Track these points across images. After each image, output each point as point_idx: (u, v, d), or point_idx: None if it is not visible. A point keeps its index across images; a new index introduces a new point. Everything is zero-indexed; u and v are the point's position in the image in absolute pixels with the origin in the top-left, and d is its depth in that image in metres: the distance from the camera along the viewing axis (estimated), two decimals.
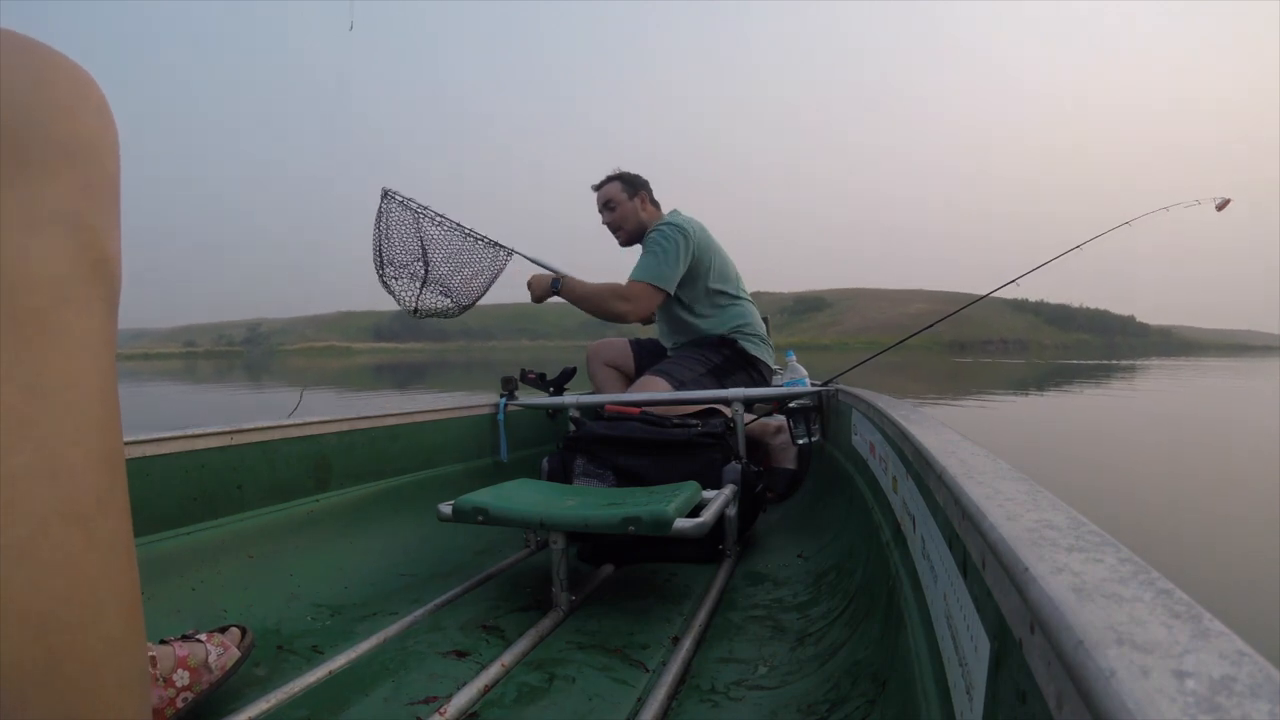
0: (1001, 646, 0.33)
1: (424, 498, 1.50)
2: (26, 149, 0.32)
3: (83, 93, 0.36)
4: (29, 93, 0.33)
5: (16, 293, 0.30)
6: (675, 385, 1.82)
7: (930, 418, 0.81)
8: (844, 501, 1.33)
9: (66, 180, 0.34)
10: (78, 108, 0.35)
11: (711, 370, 1.91)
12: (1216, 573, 1.82)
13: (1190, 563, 1.89)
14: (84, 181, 0.35)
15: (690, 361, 1.90)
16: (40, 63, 0.34)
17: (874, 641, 0.75)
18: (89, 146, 0.35)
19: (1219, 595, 1.59)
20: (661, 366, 1.90)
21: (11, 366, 0.30)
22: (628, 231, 2.05)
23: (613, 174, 2.09)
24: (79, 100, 0.35)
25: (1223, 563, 1.95)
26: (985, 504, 0.37)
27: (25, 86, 0.33)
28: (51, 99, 0.34)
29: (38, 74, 0.34)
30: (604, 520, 0.99)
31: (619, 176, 2.07)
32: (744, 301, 2.06)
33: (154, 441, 1.04)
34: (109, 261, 0.36)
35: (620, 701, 0.77)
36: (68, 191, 0.33)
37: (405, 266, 1.86)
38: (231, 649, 0.79)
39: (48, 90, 0.34)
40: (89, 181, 0.35)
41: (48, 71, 0.34)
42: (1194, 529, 2.30)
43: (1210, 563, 1.92)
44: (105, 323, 0.35)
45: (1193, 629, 0.21)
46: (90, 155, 0.35)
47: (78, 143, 0.34)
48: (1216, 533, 2.27)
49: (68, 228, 0.33)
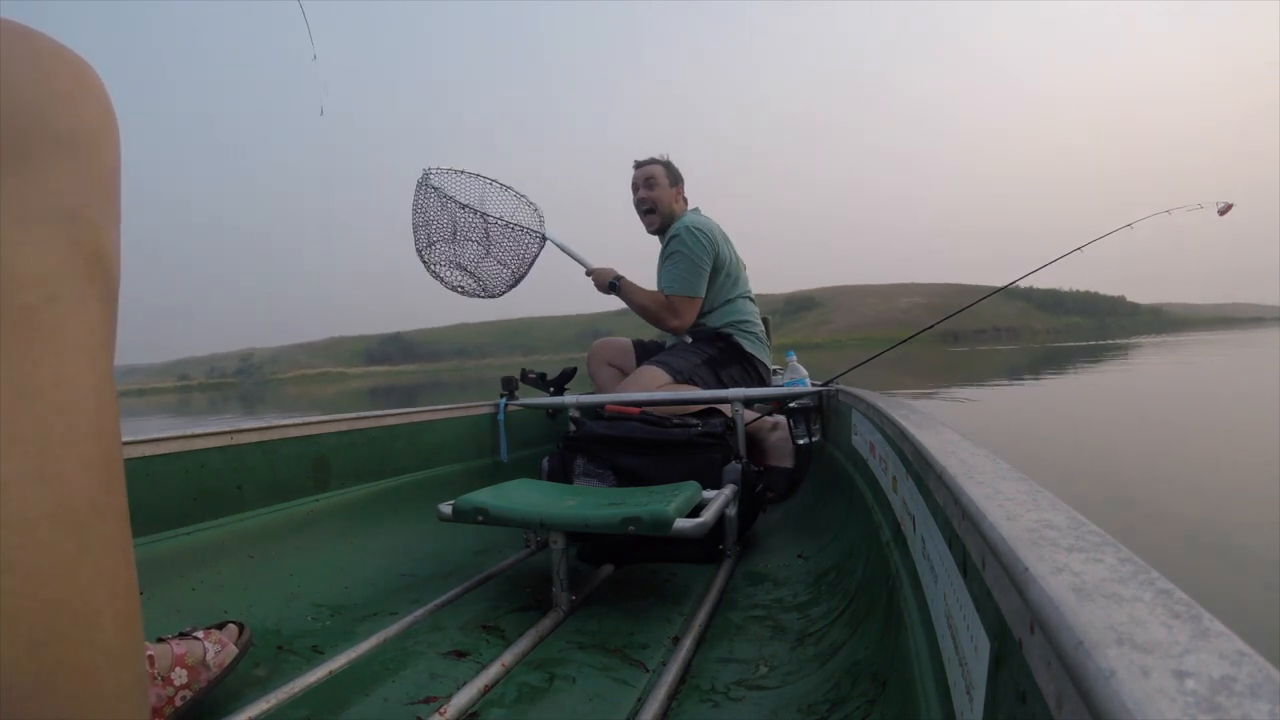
0: (1001, 646, 0.33)
1: (424, 498, 1.50)
2: (26, 139, 0.31)
3: (84, 83, 0.35)
4: (29, 81, 0.32)
5: (6, 289, 0.29)
6: (673, 374, 1.86)
7: (930, 418, 0.81)
8: (844, 501, 1.33)
9: (64, 172, 0.32)
10: (78, 97, 0.34)
11: (707, 361, 1.96)
12: (1215, 561, 1.82)
13: (1189, 555, 1.89)
14: (82, 173, 0.33)
15: (686, 352, 1.97)
16: (40, 52, 0.33)
17: (874, 641, 0.75)
18: (89, 137, 0.34)
19: (1219, 590, 1.59)
20: (660, 357, 1.96)
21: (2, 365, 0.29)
22: (660, 215, 2.14)
23: (658, 158, 2.18)
24: (80, 90, 0.34)
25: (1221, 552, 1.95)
26: (985, 504, 0.37)
27: (25, 75, 0.32)
28: (52, 88, 0.33)
29: (38, 63, 0.33)
30: (604, 520, 0.99)
31: (664, 162, 2.17)
32: (748, 301, 2.12)
33: (154, 441, 1.04)
34: (106, 257, 0.34)
35: (620, 701, 0.77)
36: (65, 183, 0.32)
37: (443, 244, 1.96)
38: (229, 645, 0.79)
39: (48, 79, 0.33)
40: (88, 173, 0.34)
41: (48, 61, 0.33)
42: (1196, 514, 2.31)
43: (1210, 555, 1.93)
44: (101, 321, 0.34)
45: (1193, 629, 0.21)
46: (90, 146, 0.34)
47: (78, 133, 0.33)
48: (1215, 518, 2.28)
49: (63, 221, 0.32)
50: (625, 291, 2.06)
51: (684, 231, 2.01)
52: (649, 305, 2.04)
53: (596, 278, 2.09)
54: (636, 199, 2.18)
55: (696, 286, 2.00)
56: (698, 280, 1.99)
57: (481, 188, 2.01)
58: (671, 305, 2.00)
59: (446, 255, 1.99)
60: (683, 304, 2.00)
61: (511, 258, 2.02)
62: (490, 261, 2.02)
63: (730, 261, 2.07)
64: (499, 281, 2.03)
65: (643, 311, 2.06)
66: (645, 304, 2.04)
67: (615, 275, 2.07)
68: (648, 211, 2.15)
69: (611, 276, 2.07)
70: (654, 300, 2.04)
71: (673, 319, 2.01)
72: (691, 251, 1.98)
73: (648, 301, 2.04)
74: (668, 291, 2.01)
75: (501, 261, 2.02)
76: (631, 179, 2.20)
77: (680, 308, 2.00)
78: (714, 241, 2.02)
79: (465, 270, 2.01)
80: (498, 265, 2.02)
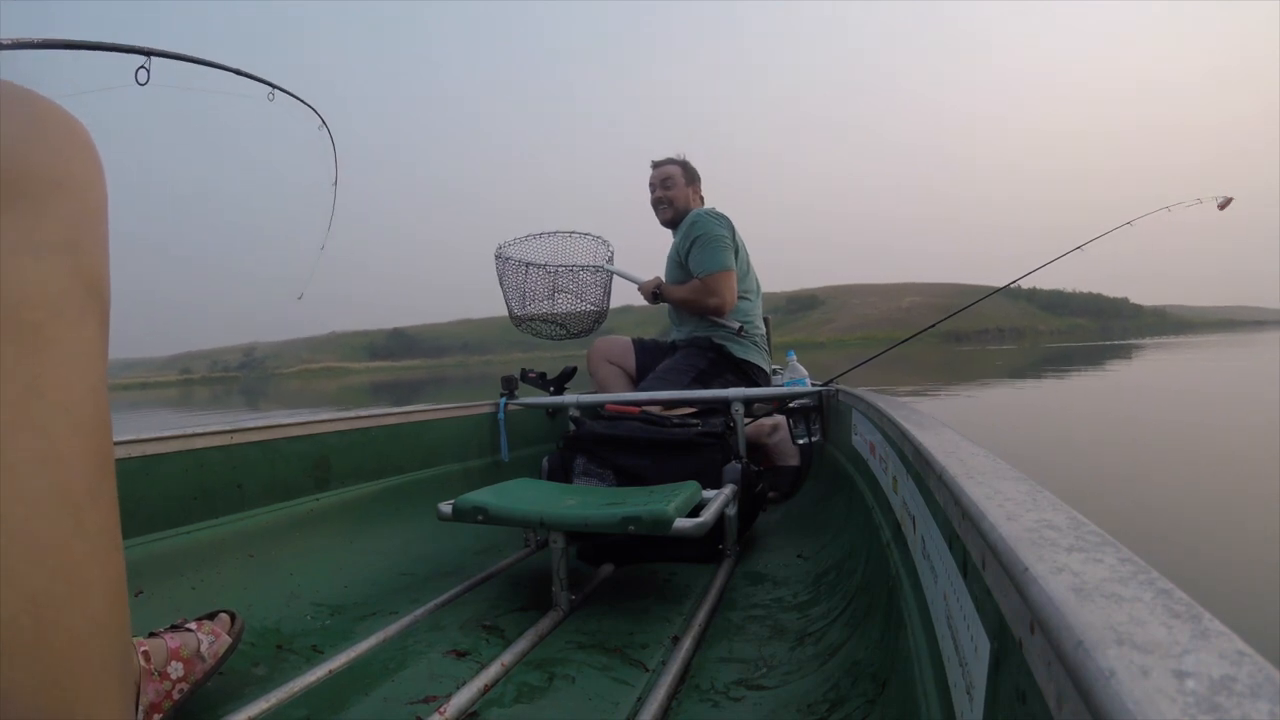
0: (1001, 646, 0.33)
1: (424, 497, 1.50)
2: (23, 184, 0.36)
3: (72, 137, 0.40)
4: (25, 137, 0.37)
5: (18, 307, 0.35)
6: (665, 404, 1.84)
7: (930, 418, 0.81)
8: (844, 501, 1.33)
9: (62, 212, 0.38)
10: (67, 150, 0.40)
11: (698, 376, 1.97)
12: (1216, 561, 1.82)
13: (1189, 549, 1.89)
14: (77, 213, 0.39)
15: (674, 373, 1.98)
16: (34, 110, 0.39)
17: (874, 641, 0.75)
18: (79, 182, 0.40)
19: (1219, 590, 1.58)
20: (647, 382, 1.99)
21: (13, 369, 0.34)
22: (675, 211, 2.20)
23: (675, 158, 2.26)
24: (68, 143, 0.40)
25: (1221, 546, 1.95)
26: (985, 504, 0.37)
27: (21, 131, 0.37)
28: (45, 143, 0.39)
29: (32, 120, 0.38)
30: (604, 520, 0.99)
31: (681, 162, 2.25)
32: (752, 300, 2.13)
33: (154, 440, 1.04)
34: (100, 282, 0.40)
35: (620, 701, 0.77)
36: (64, 222, 0.38)
37: (532, 302, 2.15)
38: (223, 636, 0.79)
39: (41, 135, 0.39)
40: (81, 211, 0.39)
41: (41, 118, 0.39)
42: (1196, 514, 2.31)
43: (1209, 549, 1.93)
44: (97, 335, 0.40)
45: (1193, 629, 0.21)
46: (81, 189, 0.40)
47: (69, 180, 0.39)
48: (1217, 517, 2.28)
49: (65, 253, 0.38)
50: (667, 294, 2.11)
51: (701, 217, 2.05)
52: (689, 297, 2.06)
53: (643, 289, 2.16)
54: (654, 199, 2.23)
55: (726, 261, 2.00)
56: (725, 255, 2.00)
57: (549, 243, 2.17)
58: (707, 287, 2.01)
59: (533, 310, 2.15)
60: (716, 281, 2.00)
61: (586, 294, 2.16)
62: (563, 304, 2.17)
63: (742, 255, 2.10)
64: (579, 321, 2.16)
65: (686, 305, 2.09)
66: (686, 297, 2.06)
67: (658, 283, 2.14)
68: (664, 206, 2.21)
69: (654, 285, 2.14)
70: (691, 290, 2.05)
71: (711, 299, 2.01)
72: (712, 231, 2.01)
73: (687, 294, 2.06)
74: (698, 274, 2.02)
75: (580, 296, 2.16)
76: (649, 179, 2.25)
77: (715, 285, 2.00)
78: (730, 224, 2.06)
79: (553, 322, 2.17)
80: (576, 302, 2.17)
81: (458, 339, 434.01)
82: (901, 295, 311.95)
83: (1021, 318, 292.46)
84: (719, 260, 2.00)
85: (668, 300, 2.13)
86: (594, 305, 2.15)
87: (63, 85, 0.79)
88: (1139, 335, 46.81)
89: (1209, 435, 4.16)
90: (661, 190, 2.20)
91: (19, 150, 0.36)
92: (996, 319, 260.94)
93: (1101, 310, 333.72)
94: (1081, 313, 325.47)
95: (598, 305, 2.15)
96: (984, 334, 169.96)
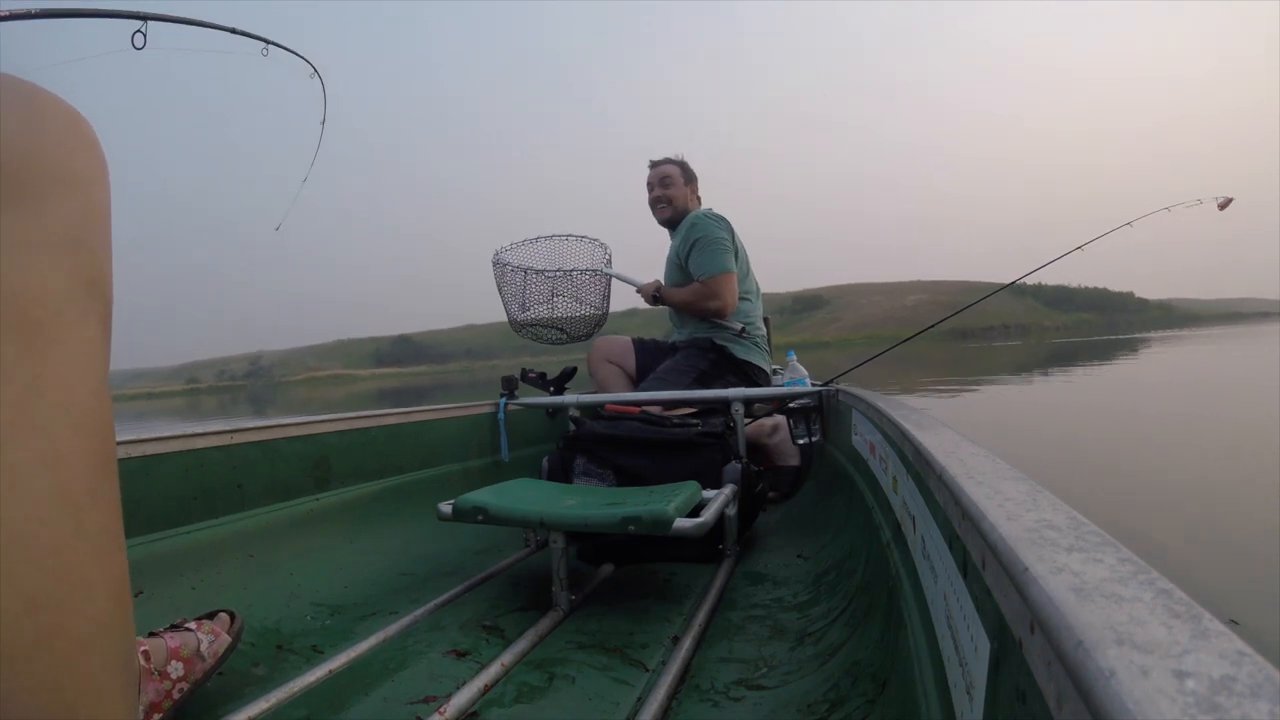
0: (1001, 646, 0.33)
1: (424, 497, 1.50)
2: (26, 181, 0.35)
3: (76, 131, 0.40)
4: (27, 132, 0.37)
5: (20, 305, 0.34)
6: (665, 404, 1.83)
7: (931, 418, 0.81)
8: (844, 501, 1.33)
9: (65, 208, 0.37)
10: (71, 145, 0.39)
11: (699, 378, 1.96)
12: (1215, 561, 1.82)
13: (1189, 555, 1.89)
14: (80, 210, 0.38)
15: (675, 374, 1.97)
16: (37, 105, 0.38)
17: (874, 641, 0.75)
18: (82, 179, 0.39)
19: (1219, 590, 1.58)
20: (647, 382, 1.99)
21: (14, 369, 0.33)
22: (673, 210, 2.21)
23: (673, 158, 2.26)
24: (72, 138, 0.39)
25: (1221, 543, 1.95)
26: (985, 504, 0.37)
27: (24, 126, 0.37)
28: (48, 137, 0.38)
29: (35, 115, 0.38)
30: (604, 520, 0.99)
31: (679, 162, 2.25)
32: (753, 301, 2.13)
33: (154, 441, 1.04)
34: (103, 281, 0.39)
35: (620, 701, 0.77)
36: (66, 219, 0.37)
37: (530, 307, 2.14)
38: (222, 635, 0.79)
39: (44, 129, 0.38)
40: (84, 208, 0.38)
41: (44, 112, 0.38)
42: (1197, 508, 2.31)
43: (1210, 554, 1.92)
44: (99, 335, 0.39)
45: (1193, 629, 0.21)
46: (84, 186, 0.39)
47: (72, 176, 0.38)
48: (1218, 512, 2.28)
49: (66, 248, 0.37)
50: (667, 297, 2.11)
51: (700, 219, 2.05)
52: (689, 299, 2.06)
53: (643, 292, 2.16)
54: (652, 198, 2.23)
55: (726, 263, 2.00)
56: (725, 257, 2.00)
57: (546, 247, 2.17)
58: (708, 289, 2.01)
59: (532, 315, 2.15)
60: (717, 284, 2.00)
61: (585, 297, 2.16)
62: (562, 308, 2.16)
63: (741, 256, 2.10)
64: (580, 325, 2.16)
65: (687, 308, 2.09)
66: (686, 299, 2.07)
67: (658, 286, 2.15)
68: (663, 205, 2.21)
69: (654, 288, 2.14)
70: (692, 293, 2.05)
71: (713, 302, 2.01)
72: (712, 234, 2.01)
73: (688, 296, 2.06)
74: (699, 277, 2.02)
75: (579, 300, 2.15)
76: (647, 178, 2.25)
77: (716, 288, 2.00)
78: (730, 226, 2.06)
79: (553, 326, 2.17)
80: (575, 306, 2.16)
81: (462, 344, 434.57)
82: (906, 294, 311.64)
83: (1027, 314, 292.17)
84: (719, 263, 1.99)
85: (668, 303, 2.13)
86: (594, 308, 2.15)
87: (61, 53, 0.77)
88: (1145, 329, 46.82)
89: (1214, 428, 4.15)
90: (660, 189, 2.20)
91: (21, 145, 0.36)
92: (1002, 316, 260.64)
93: (1107, 305, 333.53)
94: (1087, 308, 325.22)
95: (598, 308, 2.16)
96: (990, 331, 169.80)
